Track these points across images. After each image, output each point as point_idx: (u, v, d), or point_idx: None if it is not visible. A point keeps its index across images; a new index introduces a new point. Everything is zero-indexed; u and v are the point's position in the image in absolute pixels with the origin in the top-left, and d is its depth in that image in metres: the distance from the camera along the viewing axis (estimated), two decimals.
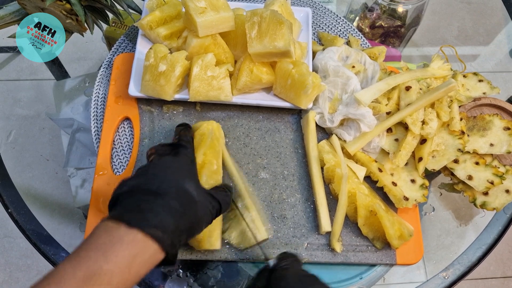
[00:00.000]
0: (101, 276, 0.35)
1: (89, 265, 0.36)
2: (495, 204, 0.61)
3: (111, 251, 0.37)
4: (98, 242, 0.38)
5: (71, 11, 0.64)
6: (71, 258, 0.37)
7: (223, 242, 0.57)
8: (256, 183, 0.62)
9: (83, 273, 0.35)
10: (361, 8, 0.88)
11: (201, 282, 0.59)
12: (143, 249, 0.38)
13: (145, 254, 0.39)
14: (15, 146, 0.77)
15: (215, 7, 0.60)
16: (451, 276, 0.65)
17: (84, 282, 0.35)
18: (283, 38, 0.58)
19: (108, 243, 0.37)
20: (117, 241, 0.37)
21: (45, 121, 0.80)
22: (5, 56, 0.87)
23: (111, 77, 0.68)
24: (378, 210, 0.56)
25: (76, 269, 0.36)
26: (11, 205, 0.67)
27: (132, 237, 0.38)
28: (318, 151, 0.63)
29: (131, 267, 0.37)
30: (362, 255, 0.59)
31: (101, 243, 0.37)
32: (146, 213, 0.40)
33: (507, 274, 1.30)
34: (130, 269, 0.37)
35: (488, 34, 1.02)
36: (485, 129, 0.65)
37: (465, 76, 0.72)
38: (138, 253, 0.38)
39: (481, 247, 0.67)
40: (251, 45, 0.60)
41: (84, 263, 0.36)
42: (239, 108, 0.68)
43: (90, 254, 0.37)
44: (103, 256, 0.36)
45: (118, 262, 0.37)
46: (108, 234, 0.38)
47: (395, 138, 0.64)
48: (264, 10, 0.59)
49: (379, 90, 0.63)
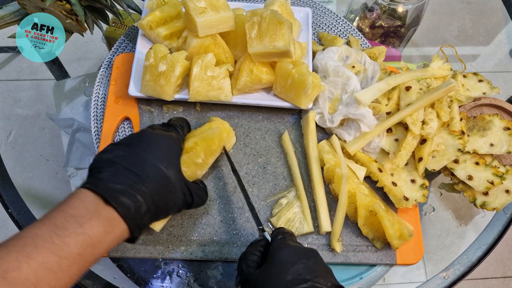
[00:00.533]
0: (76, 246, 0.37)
1: (65, 234, 0.37)
2: (495, 204, 0.61)
3: (88, 224, 0.38)
4: (76, 213, 0.39)
5: (71, 11, 0.64)
6: (46, 223, 0.38)
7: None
8: (256, 183, 0.62)
9: (60, 241, 0.36)
10: (361, 8, 0.88)
11: (201, 282, 0.59)
12: (114, 227, 0.40)
13: (115, 232, 0.41)
14: (15, 146, 0.77)
15: (215, 7, 0.60)
16: (451, 276, 0.65)
17: (60, 249, 0.36)
18: (283, 38, 0.58)
19: (85, 215, 0.39)
20: (94, 215, 0.39)
21: (45, 121, 0.80)
22: (5, 56, 0.87)
23: (111, 77, 0.68)
24: (378, 210, 0.56)
25: (53, 236, 0.37)
26: (11, 205, 0.67)
27: (108, 214, 0.40)
28: (318, 151, 0.63)
29: (102, 242, 0.39)
30: (362, 255, 0.59)
31: (79, 215, 0.39)
32: (124, 193, 0.41)
33: (507, 274, 1.30)
34: (102, 244, 0.39)
35: (488, 34, 1.02)
36: (485, 129, 0.65)
37: (465, 76, 0.72)
38: (110, 231, 0.40)
39: (481, 247, 0.67)
40: (251, 45, 0.60)
41: (61, 232, 0.37)
42: (239, 108, 0.68)
43: (67, 225, 0.38)
44: (80, 228, 0.38)
45: (93, 236, 0.38)
46: (85, 206, 0.40)
47: (395, 138, 0.64)
48: (264, 10, 0.59)
49: (379, 90, 0.63)
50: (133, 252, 0.57)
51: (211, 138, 0.57)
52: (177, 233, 0.58)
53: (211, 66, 0.60)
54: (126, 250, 0.57)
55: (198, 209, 0.60)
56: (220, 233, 0.59)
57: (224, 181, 0.62)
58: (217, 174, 0.62)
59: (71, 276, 0.37)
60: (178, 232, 0.58)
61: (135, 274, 0.59)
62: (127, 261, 0.60)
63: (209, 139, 0.56)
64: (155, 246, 0.57)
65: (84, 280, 0.60)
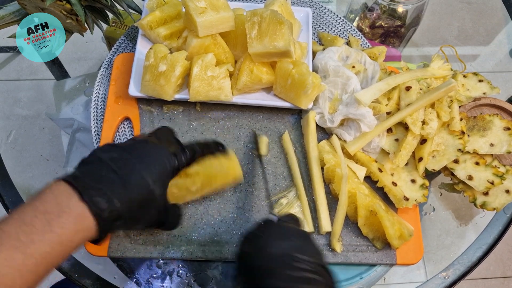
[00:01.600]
0: (43, 244, 0.36)
1: (32, 231, 0.36)
2: (495, 204, 0.61)
3: (57, 222, 0.37)
4: (46, 208, 0.37)
5: (71, 11, 0.64)
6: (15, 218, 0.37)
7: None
8: (256, 183, 0.62)
9: (26, 238, 0.35)
10: (361, 8, 0.88)
11: (201, 282, 0.59)
12: (84, 226, 0.39)
13: (85, 232, 0.39)
14: (15, 146, 0.77)
15: (215, 7, 0.60)
16: (451, 276, 0.65)
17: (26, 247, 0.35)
18: (283, 38, 0.58)
19: (54, 211, 0.37)
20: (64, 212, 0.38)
21: (45, 121, 0.80)
22: (5, 56, 0.86)
23: (111, 77, 0.68)
24: (378, 210, 0.56)
25: (19, 233, 0.35)
26: (11, 205, 0.67)
27: (79, 211, 0.38)
28: (318, 151, 0.63)
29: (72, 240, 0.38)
30: (362, 255, 0.59)
31: (48, 211, 0.37)
32: (101, 194, 0.40)
33: (507, 274, 1.30)
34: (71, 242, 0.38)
35: (488, 34, 1.02)
36: (485, 129, 0.65)
37: (465, 76, 0.72)
38: (80, 229, 0.38)
39: (481, 247, 0.67)
40: (251, 45, 0.60)
41: (28, 229, 0.36)
42: (239, 108, 0.68)
43: (35, 222, 0.36)
44: (48, 226, 0.36)
45: (62, 234, 0.37)
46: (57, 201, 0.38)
47: (395, 138, 0.64)
48: (264, 10, 0.59)
49: (379, 90, 0.63)
50: (133, 252, 0.57)
51: (214, 175, 0.54)
52: (177, 233, 0.58)
53: (211, 66, 0.60)
54: (126, 250, 0.57)
55: (198, 209, 0.60)
56: (220, 233, 0.59)
57: None
58: None
59: (38, 274, 0.36)
60: (178, 232, 0.58)
61: (135, 274, 0.59)
62: (127, 261, 0.60)
63: (213, 176, 0.54)
64: (155, 246, 0.57)
65: (84, 280, 0.60)
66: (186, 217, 0.59)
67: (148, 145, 0.48)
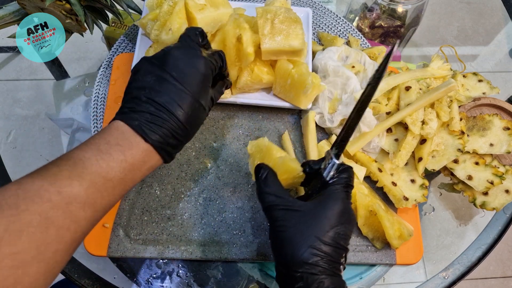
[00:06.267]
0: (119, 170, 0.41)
1: (110, 159, 0.41)
2: (495, 204, 0.61)
3: (129, 153, 0.42)
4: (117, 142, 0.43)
5: (71, 11, 0.64)
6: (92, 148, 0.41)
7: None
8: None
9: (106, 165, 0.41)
10: (361, 8, 0.88)
11: (201, 282, 0.59)
12: (150, 158, 0.44)
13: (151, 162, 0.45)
14: (15, 146, 0.77)
15: (214, 3, 0.60)
16: (451, 276, 0.65)
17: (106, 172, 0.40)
18: (297, 37, 0.58)
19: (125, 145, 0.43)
20: (134, 146, 0.43)
21: (45, 121, 0.80)
22: (5, 56, 0.86)
23: (111, 77, 0.68)
24: (378, 210, 0.56)
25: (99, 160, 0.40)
26: None
27: (146, 148, 0.44)
28: (318, 151, 0.63)
29: (140, 169, 0.44)
30: (362, 255, 0.59)
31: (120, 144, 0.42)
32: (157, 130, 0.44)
33: (507, 274, 1.30)
34: (140, 171, 0.44)
35: (488, 34, 1.02)
36: (485, 129, 0.65)
37: (465, 76, 0.72)
38: (147, 160, 0.44)
39: (481, 247, 0.67)
40: (264, 41, 0.59)
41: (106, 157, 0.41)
42: (239, 108, 0.68)
43: (111, 151, 0.42)
44: (122, 155, 0.42)
45: (133, 163, 0.43)
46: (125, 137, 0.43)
47: (395, 138, 0.64)
48: (278, 7, 0.59)
49: (379, 90, 0.63)
50: (133, 252, 0.57)
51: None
52: (177, 233, 0.58)
53: None
54: (126, 250, 0.57)
55: (198, 208, 0.60)
56: (220, 233, 0.59)
57: (224, 181, 0.62)
58: (217, 174, 0.63)
59: (114, 196, 0.42)
60: (178, 232, 0.58)
61: (135, 274, 0.59)
62: (127, 261, 0.60)
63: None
64: (155, 246, 0.57)
65: (84, 280, 0.60)
66: (186, 216, 0.59)
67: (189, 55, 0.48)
